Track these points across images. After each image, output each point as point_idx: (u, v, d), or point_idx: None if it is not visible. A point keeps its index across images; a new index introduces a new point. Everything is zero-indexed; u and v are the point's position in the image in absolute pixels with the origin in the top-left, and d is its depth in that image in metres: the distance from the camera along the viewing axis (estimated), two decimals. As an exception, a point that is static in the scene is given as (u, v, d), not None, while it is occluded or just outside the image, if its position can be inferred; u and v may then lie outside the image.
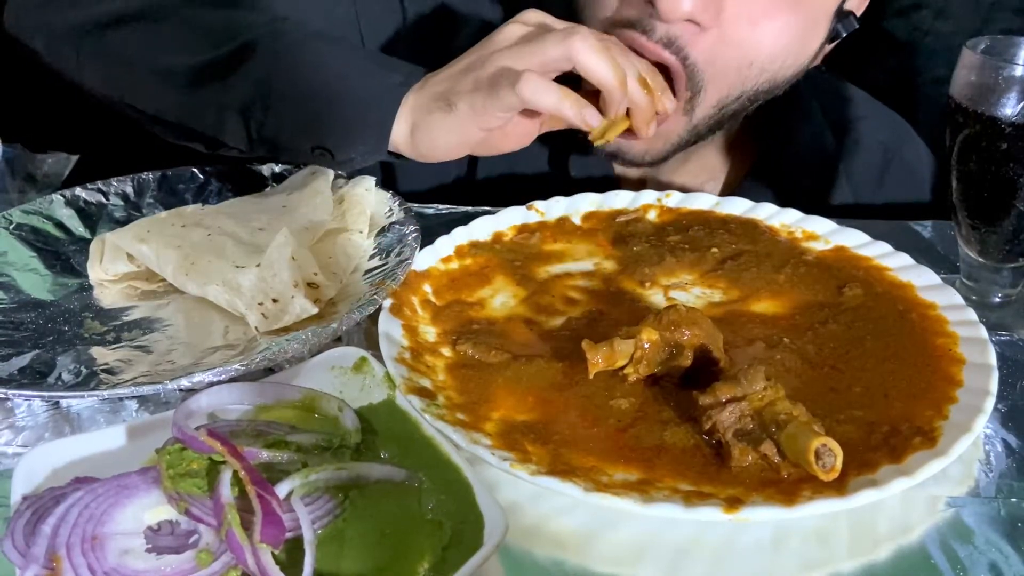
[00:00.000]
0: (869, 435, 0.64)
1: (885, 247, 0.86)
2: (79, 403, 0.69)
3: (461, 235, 0.87)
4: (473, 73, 0.78)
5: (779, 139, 1.08)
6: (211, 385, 0.65)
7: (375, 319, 0.74)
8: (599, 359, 0.67)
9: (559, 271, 0.85)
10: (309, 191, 0.88)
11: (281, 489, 0.55)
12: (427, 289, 0.80)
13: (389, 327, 0.73)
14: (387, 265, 0.80)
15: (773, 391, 0.63)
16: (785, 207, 0.92)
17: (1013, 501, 0.62)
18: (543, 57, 0.76)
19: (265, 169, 0.96)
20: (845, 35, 0.96)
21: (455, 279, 0.83)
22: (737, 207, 0.93)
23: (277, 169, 0.95)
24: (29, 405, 0.69)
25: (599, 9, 0.91)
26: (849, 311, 0.78)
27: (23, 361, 0.72)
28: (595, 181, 1.06)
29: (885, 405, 0.68)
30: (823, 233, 0.89)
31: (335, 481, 0.57)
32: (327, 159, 0.84)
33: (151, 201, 0.95)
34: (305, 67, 0.82)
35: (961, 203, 0.80)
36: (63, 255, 0.87)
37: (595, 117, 0.77)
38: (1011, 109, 0.73)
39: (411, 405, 0.65)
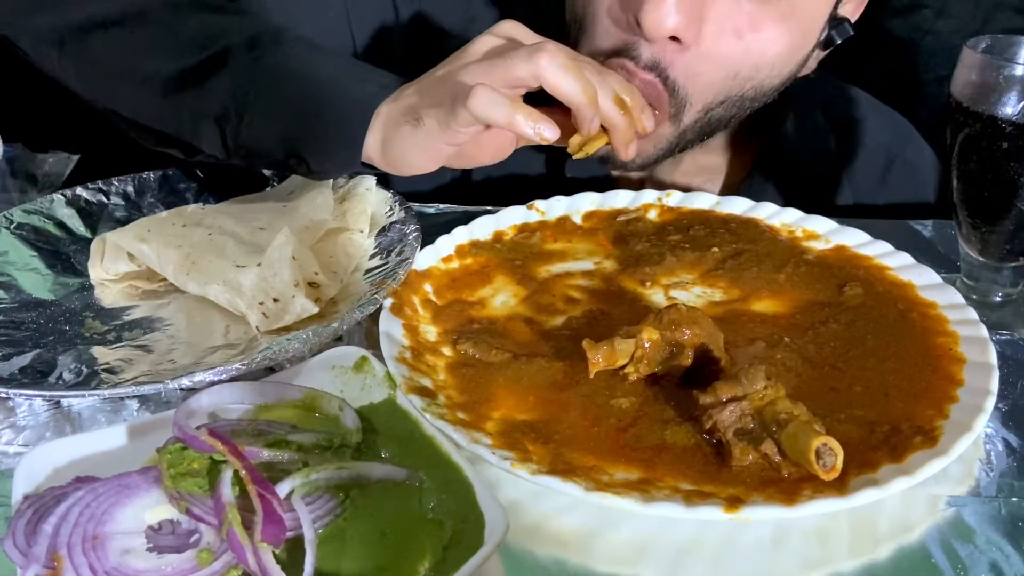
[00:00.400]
0: (870, 434, 0.64)
1: (886, 246, 0.86)
2: (80, 402, 0.69)
3: (462, 234, 0.87)
4: (441, 87, 0.76)
5: (778, 140, 1.08)
6: (212, 384, 0.65)
7: (376, 318, 0.74)
8: (600, 358, 0.67)
9: (560, 270, 0.85)
10: (310, 190, 0.88)
11: (282, 488, 0.55)
12: (428, 288, 0.80)
13: (390, 326, 0.73)
14: (388, 264, 0.80)
15: (774, 390, 0.63)
16: (786, 207, 0.92)
17: (1014, 500, 0.62)
18: (508, 74, 0.73)
19: (266, 169, 0.96)
20: (840, 41, 0.95)
21: (456, 278, 0.83)
22: (738, 206, 0.93)
23: (284, 172, 0.95)
24: (30, 404, 0.69)
25: (591, 38, 0.91)
26: (850, 310, 0.78)
27: (24, 360, 0.72)
28: (594, 181, 1.06)
29: (886, 404, 0.68)
30: (823, 232, 0.89)
31: (336, 480, 0.57)
32: (303, 169, 0.83)
33: (152, 201, 0.95)
34: (280, 75, 0.81)
35: (962, 202, 0.80)
36: (64, 255, 0.87)
37: (552, 131, 0.72)
38: (1012, 108, 0.73)
39: (412, 404, 0.65)
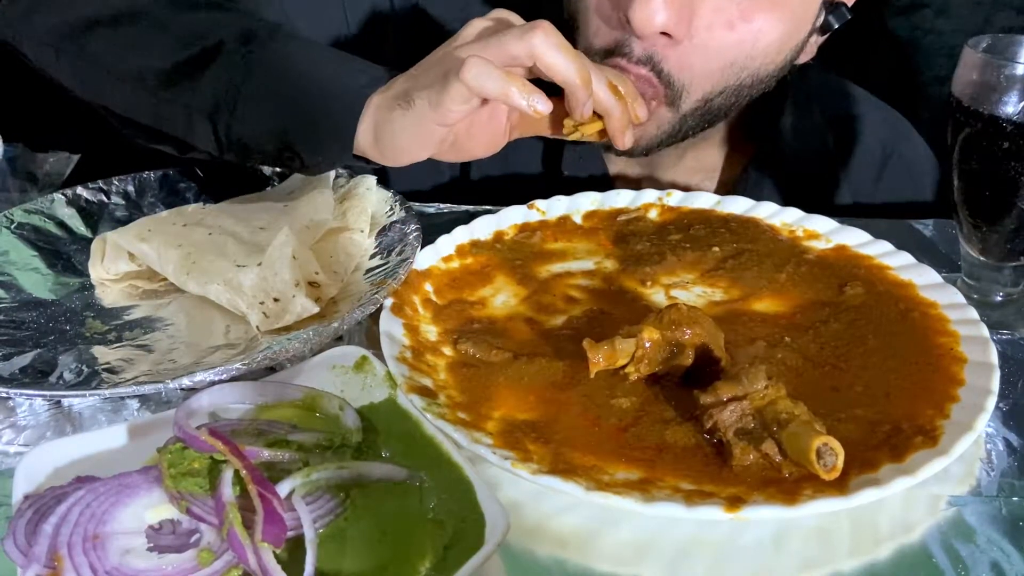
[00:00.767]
0: (870, 434, 0.64)
1: (886, 246, 0.86)
2: (81, 402, 0.69)
3: (462, 234, 0.87)
4: (433, 69, 0.76)
5: (773, 136, 1.08)
6: (212, 384, 0.65)
7: (376, 318, 0.74)
8: (600, 358, 0.67)
9: (560, 270, 0.85)
10: (311, 190, 0.88)
11: (282, 488, 0.55)
12: (428, 288, 0.80)
13: (390, 326, 0.73)
14: (388, 264, 0.80)
15: (774, 390, 0.63)
16: (784, 204, 0.92)
17: (1015, 500, 0.62)
18: (502, 53, 0.73)
19: (266, 168, 0.96)
20: (837, 26, 0.95)
21: (456, 278, 0.83)
22: (738, 206, 0.93)
23: (278, 168, 0.95)
24: (31, 404, 0.69)
25: (584, 37, 0.92)
26: (850, 310, 0.78)
27: (25, 360, 0.72)
28: (594, 180, 1.06)
29: (886, 404, 0.68)
30: (824, 232, 0.89)
31: (336, 480, 0.57)
32: (296, 163, 0.82)
33: (152, 200, 0.95)
34: (272, 69, 0.80)
35: (962, 202, 0.80)
36: (64, 254, 0.87)
37: (544, 104, 0.72)
38: (1012, 108, 0.73)
39: (412, 404, 0.65)
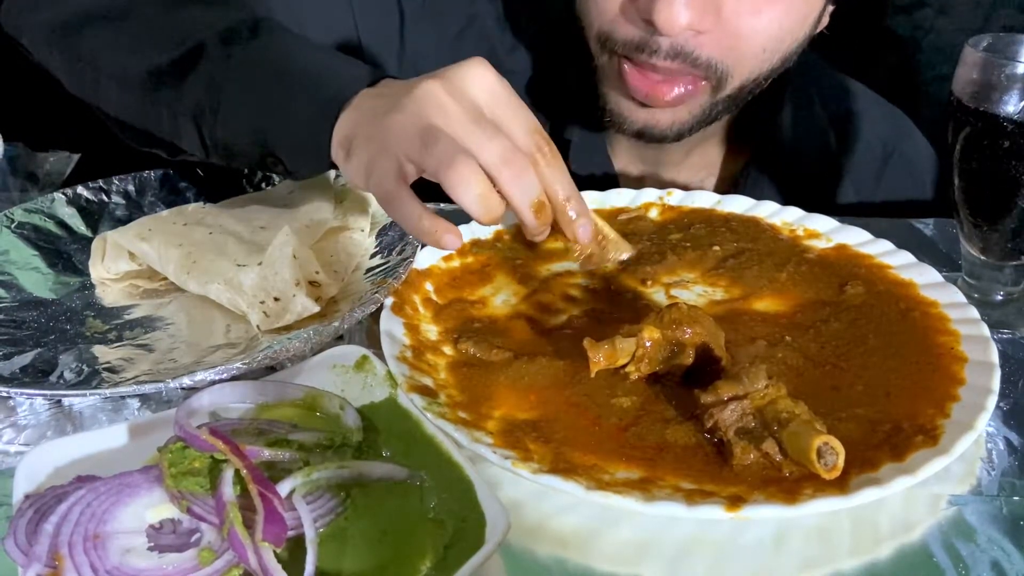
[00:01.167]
0: (871, 433, 0.64)
1: (887, 245, 0.86)
2: (81, 402, 0.69)
3: (463, 233, 0.86)
4: (376, 139, 0.69)
5: (773, 133, 1.08)
6: (213, 383, 0.65)
7: (377, 317, 0.74)
8: (601, 357, 0.67)
9: (560, 269, 0.85)
10: (311, 189, 0.88)
11: (283, 488, 0.55)
12: (429, 287, 0.80)
13: (391, 325, 0.73)
14: (389, 263, 0.80)
15: (775, 389, 0.63)
16: (784, 201, 0.92)
17: (1015, 499, 0.62)
18: (423, 163, 0.66)
19: (246, 168, 0.95)
20: None
21: (456, 277, 0.83)
22: (738, 205, 0.93)
23: (265, 173, 0.95)
24: (31, 404, 0.69)
25: (597, 25, 0.92)
26: (851, 309, 0.78)
27: (25, 360, 0.72)
28: (595, 179, 1.06)
29: (887, 403, 0.68)
30: (825, 231, 0.89)
31: (337, 480, 0.57)
32: (280, 168, 0.80)
33: (153, 200, 0.95)
34: (251, 71, 0.79)
35: (963, 201, 0.80)
36: (65, 254, 0.87)
37: (453, 241, 0.69)
38: (1013, 107, 0.73)
39: (413, 403, 0.65)
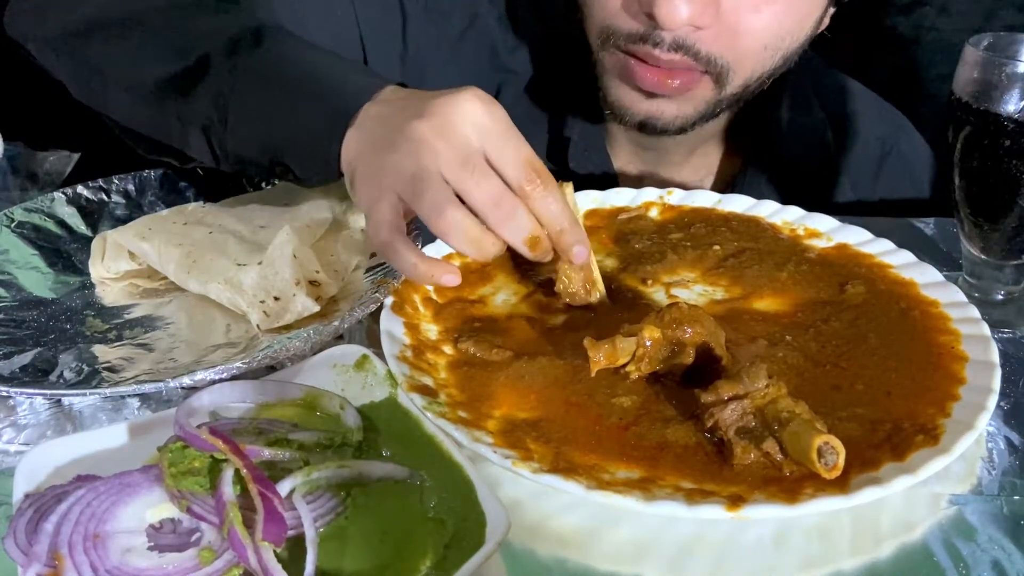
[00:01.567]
0: (871, 433, 0.64)
1: (887, 244, 0.86)
2: (81, 401, 0.69)
3: (463, 233, 0.86)
4: (378, 166, 0.71)
5: (772, 132, 1.08)
6: (213, 383, 0.65)
7: (377, 317, 0.74)
8: (601, 357, 0.67)
9: (561, 269, 0.85)
10: (311, 189, 0.88)
11: (283, 487, 0.55)
12: (429, 287, 0.80)
13: (391, 325, 0.73)
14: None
15: (775, 389, 0.63)
16: (782, 200, 0.92)
17: (1016, 499, 0.62)
18: (416, 208, 0.68)
19: (258, 176, 0.96)
20: None
21: (457, 277, 0.83)
22: (739, 204, 0.92)
23: (277, 180, 0.95)
24: (31, 403, 0.69)
25: (598, 19, 0.92)
26: (851, 309, 0.78)
27: (25, 359, 0.72)
28: (594, 178, 1.06)
29: (887, 403, 0.68)
30: (825, 230, 0.89)
31: (337, 479, 0.57)
32: (290, 176, 0.80)
33: (153, 199, 0.95)
34: (257, 81, 0.79)
35: (964, 200, 0.80)
36: (65, 253, 0.87)
37: (452, 279, 0.71)
38: (1013, 106, 0.73)
39: (413, 403, 0.65)
